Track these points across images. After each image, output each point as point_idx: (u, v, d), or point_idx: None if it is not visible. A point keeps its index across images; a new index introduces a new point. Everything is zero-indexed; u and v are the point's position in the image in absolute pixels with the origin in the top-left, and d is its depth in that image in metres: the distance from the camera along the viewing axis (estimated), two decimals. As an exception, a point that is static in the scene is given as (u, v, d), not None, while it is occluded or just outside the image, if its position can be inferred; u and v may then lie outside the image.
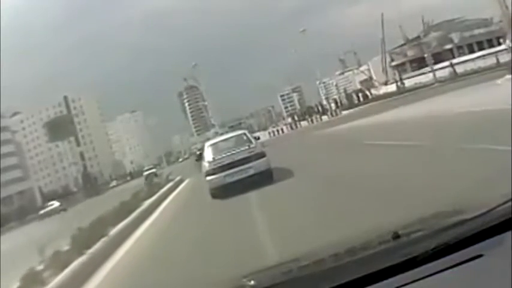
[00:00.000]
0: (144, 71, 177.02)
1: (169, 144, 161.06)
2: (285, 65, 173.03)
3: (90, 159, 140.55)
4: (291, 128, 75.39)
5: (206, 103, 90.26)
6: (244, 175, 15.76)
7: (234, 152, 16.14)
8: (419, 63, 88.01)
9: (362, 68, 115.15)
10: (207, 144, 18.11)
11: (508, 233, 1.80)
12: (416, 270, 1.78)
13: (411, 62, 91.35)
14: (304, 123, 77.26)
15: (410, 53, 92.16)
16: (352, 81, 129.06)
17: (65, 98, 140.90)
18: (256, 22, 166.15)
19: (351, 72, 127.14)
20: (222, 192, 15.55)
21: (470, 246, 1.82)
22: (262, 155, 16.13)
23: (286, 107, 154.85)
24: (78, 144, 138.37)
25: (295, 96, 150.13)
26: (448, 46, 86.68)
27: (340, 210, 9.14)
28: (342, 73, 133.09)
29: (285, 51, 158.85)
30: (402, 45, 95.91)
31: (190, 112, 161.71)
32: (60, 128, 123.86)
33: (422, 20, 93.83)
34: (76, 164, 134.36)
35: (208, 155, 16.68)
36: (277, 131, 69.02)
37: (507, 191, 2.05)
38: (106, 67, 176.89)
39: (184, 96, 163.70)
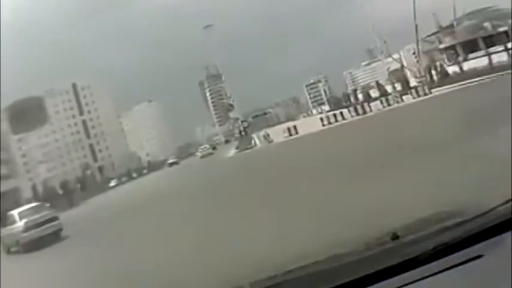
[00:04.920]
0: (163, 60, 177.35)
1: (189, 135, 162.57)
2: (310, 54, 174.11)
3: (100, 152, 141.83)
4: (356, 112, 61.38)
5: (229, 95, 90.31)
6: None
7: None
8: (471, 46, 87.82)
9: (394, 57, 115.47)
10: None
11: (508, 234, 1.95)
12: (416, 270, 1.95)
13: (462, 44, 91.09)
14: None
15: (444, 41, 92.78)
16: (381, 71, 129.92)
17: (74, 85, 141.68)
18: (281, 10, 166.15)
19: (379, 62, 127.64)
20: None
21: (470, 246, 1.98)
22: None
23: (311, 97, 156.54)
24: (88, 136, 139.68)
25: (321, 85, 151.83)
26: (482, 34, 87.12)
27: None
28: (369, 63, 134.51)
29: (310, 40, 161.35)
30: (435, 33, 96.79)
31: (212, 102, 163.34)
32: (26, 115, 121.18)
33: (454, 9, 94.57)
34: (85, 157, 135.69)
35: None
36: (334, 116, 61.98)
37: (507, 191, 2.20)
38: (122, 56, 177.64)
39: (206, 86, 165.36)
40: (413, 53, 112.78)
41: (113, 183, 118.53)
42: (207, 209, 19.34)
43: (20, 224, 28.71)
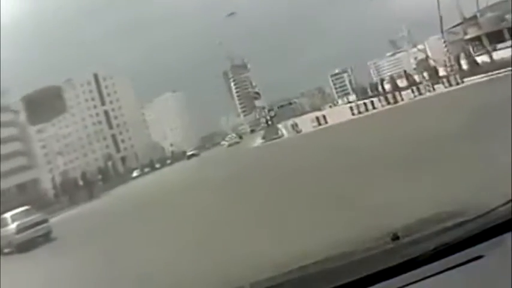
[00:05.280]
0: (186, 50, 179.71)
1: (214, 125, 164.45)
2: (335, 44, 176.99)
3: (123, 142, 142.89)
4: (387, 101, 61.09)
5: (254, 84, 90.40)
6: None
7: None
8: (497, 37, 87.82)
9: (419, 47, 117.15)
10: None
11: (508, 234, 2.01)
12: (417, 271, 2.01)
13: (488, 35, 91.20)
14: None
15: (469, 32, 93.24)
16: (406, 61, 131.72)
17: (95, 75, 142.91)
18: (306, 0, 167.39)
19: (404, 53, 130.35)
20: None
21: (470, 247, 2.03)
22: None
23: (336, 87, 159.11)
24: (110, 126, 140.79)
25: (346, 76, 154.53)
26: (505, 26, 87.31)
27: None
28: (393, 54, 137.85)
29: (335, 30, 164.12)
30: (459, 24, 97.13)
31: (236, 92, 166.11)
32: (44, 105, 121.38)
33: (477, 1, 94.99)
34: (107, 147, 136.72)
35: None
36: (365, 105, 61.68)
37: (507, 191, 2.25)
38: (145, 46, 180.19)
39: (230, 76, 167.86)
40: (444, 43, 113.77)
41: (135, 174, 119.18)
42: (230, 201, 19.52)
43: (13, 226, 31.49)
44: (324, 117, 58.18)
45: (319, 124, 56.43)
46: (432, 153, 14.68)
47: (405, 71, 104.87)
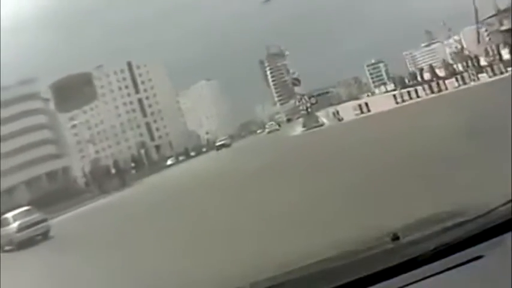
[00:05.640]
0: (222, 38, 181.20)
1: (250, 114, 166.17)
2: (370, 34, 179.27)
3: (158, 130, 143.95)
4: (431, 89, 60.22)
5: (292, 71, 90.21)
6: None
7: None
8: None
9: (455, 38, 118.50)
10: None
11: (508, 234, 2.07)
12: (416, 271, 2.07)
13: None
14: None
15: (504, 23, 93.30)
16: (441, 52, 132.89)
17: (129, 63, 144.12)
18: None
19: (439, 44, 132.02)
20: None
21: (470, 247, 2.09)
22: None
23: (373, 77, 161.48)
24: (144, 114, 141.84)
25: (381, 66, 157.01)
26: None
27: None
28: (429, 45, 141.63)
29: (371, 21, 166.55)
30: (493, 15, 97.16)
31: (273, 81, 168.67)
32: (74, 92, 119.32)
33: None
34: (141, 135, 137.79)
35: None
36: (408, 93, 60.92)
37: (507, 191, 2.29)
38: (179, 34, 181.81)
39: (266, 65, 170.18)
40: (485, 31, 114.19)
41: (169, 162, 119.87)
42: (269, 190, 19.34)
43: (14, 225, 34.84)
44: (367, 105, 57.92)
45: (362, 112, 56.22)
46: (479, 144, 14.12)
47: (444, 60, 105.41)
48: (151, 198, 39.01)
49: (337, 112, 60.96)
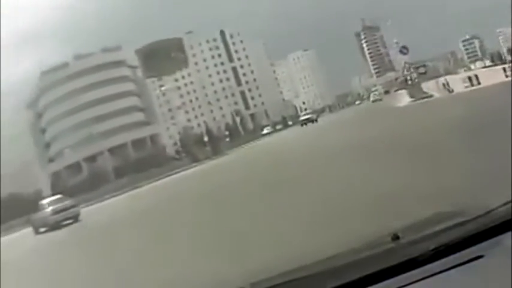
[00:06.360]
0: (318, 9, 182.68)
1: (346, 85, 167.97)
2: (465, 10, 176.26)
3: (253, 99, 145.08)
4: None
5: (396, 40, 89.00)
6: None
7: None
8: None
9: None
10: None
11: (508, 234, 2.14)
12: (416, 271, 2.16)
13: None
14: None
15: None
16: None
17: (222, 32, 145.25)
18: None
19: None
20: None
21: (470, 247, 2.17)
22: None
23: (468, 53, 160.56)
24: (239, 83, 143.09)
25: (476, 42, 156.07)
26: None
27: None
28: None
29: None
30: None
31: (369, 53, 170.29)
32: (164, 57, 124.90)
33: None
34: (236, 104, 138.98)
35: None
36: None
37: (507, 191, 2.34)
38: (275, 4, 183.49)
39: (362, 37, 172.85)
40: None
41: (266, 131, 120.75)
42: (368, 167, 18.27)
43: (48, 210, 43.66)
44: (477, 77, 56.58)
45: (472, 85, 55.01)
46: None
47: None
48: (247, 168, 39.47)
49: (447, 83, 59.85)
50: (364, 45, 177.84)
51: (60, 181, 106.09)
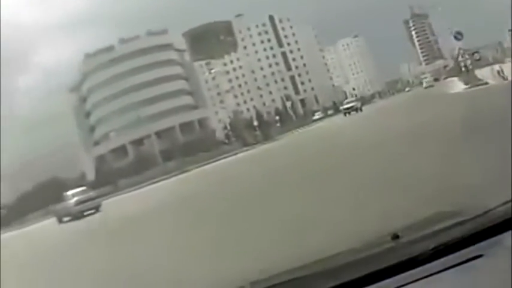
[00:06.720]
0: None
1: (395, 73, 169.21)
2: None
3: (303, 84, 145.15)
4: None
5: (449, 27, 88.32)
6: None
7: None
8: None
9: None
10: None
11: (508, 233, 2.13)
12: (416, 270, 2.16)
13: None
14: None
15: None
16: None
17: (271, 17, 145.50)
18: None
19: None
20: None
21: (470, 246, 2.16)
22: None
23: None
24: (289, 68, 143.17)
25: None
26: None
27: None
28: None
29: None
30: None
31: (418, 40, 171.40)
32: (210, 40, 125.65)
33: None
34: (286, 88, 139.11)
35: None
36: None
37: (507, 191, 2.31)
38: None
39: (411, 24, 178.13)
40: None
41: (317, 116, 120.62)
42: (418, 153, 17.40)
43: (72, 201, 46.61)
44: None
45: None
46: None
47: None
48: (298, 153, 38.96)
49: (502, 71, 58.86)
50: (413, 32, 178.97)
51: (105, 164, 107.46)
